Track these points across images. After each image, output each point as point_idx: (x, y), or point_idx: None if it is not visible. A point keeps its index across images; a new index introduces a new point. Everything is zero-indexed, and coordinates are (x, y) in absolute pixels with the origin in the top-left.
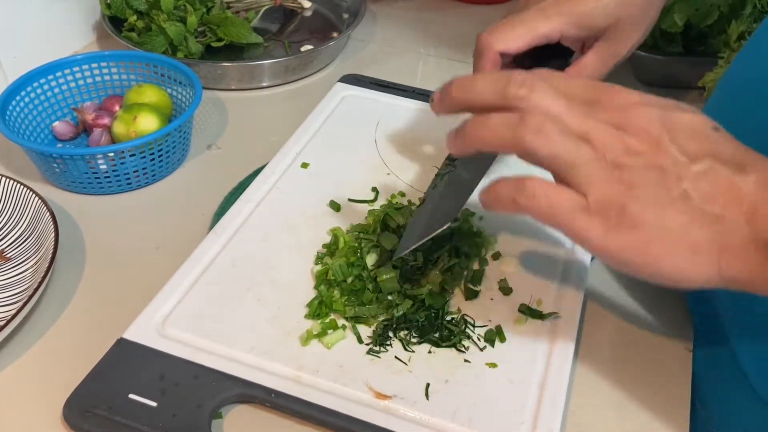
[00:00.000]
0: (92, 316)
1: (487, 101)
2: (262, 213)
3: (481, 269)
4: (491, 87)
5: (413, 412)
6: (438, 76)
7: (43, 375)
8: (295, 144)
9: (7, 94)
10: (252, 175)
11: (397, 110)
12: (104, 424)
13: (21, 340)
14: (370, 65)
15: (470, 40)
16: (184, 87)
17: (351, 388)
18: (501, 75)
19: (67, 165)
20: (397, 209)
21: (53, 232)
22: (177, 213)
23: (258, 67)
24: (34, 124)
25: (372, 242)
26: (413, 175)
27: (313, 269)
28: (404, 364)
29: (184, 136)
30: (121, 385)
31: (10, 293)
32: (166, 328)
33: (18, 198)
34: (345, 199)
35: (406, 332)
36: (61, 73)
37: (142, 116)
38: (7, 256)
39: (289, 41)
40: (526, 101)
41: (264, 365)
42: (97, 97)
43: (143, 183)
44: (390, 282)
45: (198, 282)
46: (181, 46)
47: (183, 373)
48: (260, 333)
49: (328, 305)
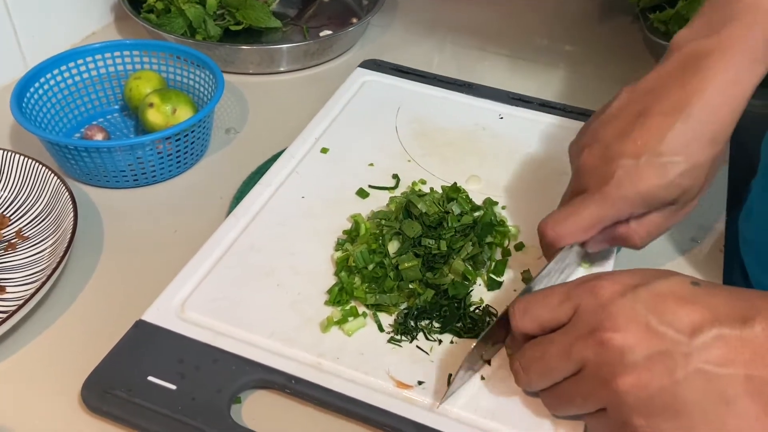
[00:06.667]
0: (110, 298)
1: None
2: (282, 197)
3: (504, 259)
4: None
5: (435, 402)
6: (456, 63)
7: (60, 356)
8: (315, 129)
9: (24, 82)
10: (271, 159)
11: (418, 97)
12: (123, 406)
13: (38, 320)
14: (389, 52)
15: (490, 28)
16: (205, 75)
17: (372, 377)
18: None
19: (95, 159)
20: (420, 196)
21: (72, 212)
22: (195, 197)
23: (277, 50)
24: (53, 113)
25: (394, 229)
26: (434, 162)
27: (333, 255)
28: (426, 353)
29: (206, 126)
30: (140, 368)
31: (27, 273)
32: (185, 311)
33: (36, 177)
34: (365, 185)
35: (427, 321)
36: (82, 60)
37: (181, 108)
38: (25, 235)
39: (308, 26)
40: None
41: (284, 351)
42: (118, 86)
43: (167, 176)
44: (412, 270)
45: (217, 266)
46: (199, 28)
47: (202, 357)
48: (280, 318)
49: (348, 292)
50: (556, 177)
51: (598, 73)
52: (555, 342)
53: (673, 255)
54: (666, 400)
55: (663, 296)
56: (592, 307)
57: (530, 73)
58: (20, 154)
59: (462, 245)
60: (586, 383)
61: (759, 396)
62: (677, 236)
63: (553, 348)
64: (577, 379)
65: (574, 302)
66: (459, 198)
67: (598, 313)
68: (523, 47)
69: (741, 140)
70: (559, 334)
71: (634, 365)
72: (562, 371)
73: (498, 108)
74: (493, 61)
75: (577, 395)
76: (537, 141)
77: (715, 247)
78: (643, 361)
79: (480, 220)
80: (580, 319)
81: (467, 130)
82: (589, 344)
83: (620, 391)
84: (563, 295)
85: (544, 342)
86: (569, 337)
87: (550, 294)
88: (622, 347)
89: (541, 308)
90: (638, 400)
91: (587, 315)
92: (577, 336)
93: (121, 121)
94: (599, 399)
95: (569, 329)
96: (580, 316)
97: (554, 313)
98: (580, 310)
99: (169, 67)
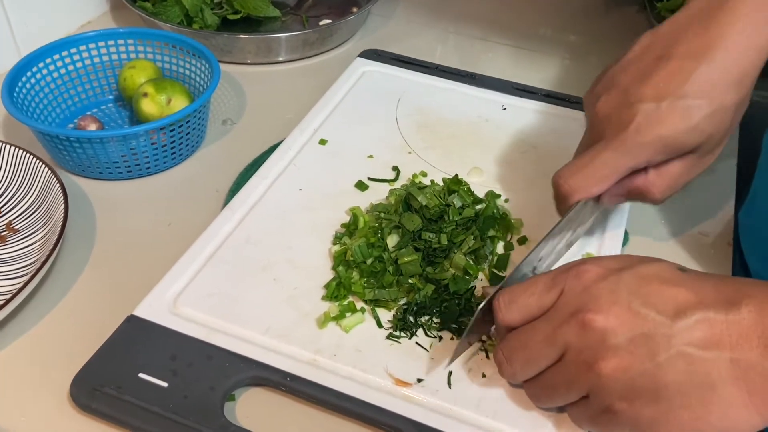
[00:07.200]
0: (102, 293)
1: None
2: (279, 190)
3: (506, 254)
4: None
5: (435, 401)
6: (459, 53)
7: (49, 352)
8: (313, 120)
9: (16, 71)
10: (268, 151)
11: (419, 87)
12: (113, 404)
13: (27, 315)
14: (390, 42)
15: (493, 18)
16: (201, 65)
17: (370, 374)
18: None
19: (87, 150)
20: (420, 189)
21: (63, 204)
22: (191, 190)
23: (275, 40)
24: (45, 103)
25: (393, 222)
26: (435, 154)
27: (331, 249)
28: (426, 350)
29: (202, 116)
30: (131, 364)
31: (17, 266)
32: (179, 306)
33: (27, 168)
34: (365, 177)
35: (427, 317)
36: (75, 49)
37: (176, 98)
38: (15, 228)
39: (307, 16)
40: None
41: (280, 347)
42: (113, 75)
43: (162, 168)
44: (412, 265)
45: (211, 260)
46: (196, 17)
47: (196, 354)
48: (276, 314)
49: (346, 287)
50: None
51: (604, 64)
52: (538, 329)
53: (681, 248)
54: (647, 383)
55: (647, 279)
56: (575, 291)
57: (534, 63)
58: (11, 145)
59: (463, 239)
60: (568, 369)
61: (743, 380)
62: (685, 229)
63: (537, 334)
64: (560, 366)
65: (559, 287)
66: (460, 190)
67: (581, 296)
68: (527, 37)
69: (747, 132)
70: (541, 320)
71: (616, 348)
72: (545, 358)
73: (501, 99)
74: (497, 52)
75: (560, 383)
76: (541, 132)
77: (723, 240)
78: (625, 343)
79: (482, 213)
80: (563, 302)
81: (469, 122)
82: (571, 326)
83: (602, 374)
84: (548, 282)
85: (527, 330)
86: (552, 321)
87: (534, 282)
88: (604, 329)
89: (527, 297)
90: (620, 384)
91: (570, 298)
92: (560, 320)
93: (115, 111)
94: (582, 385)
95: (552, 314)
96: (563, 299)
97: (540, 300)
98: (564, 294)
99: (164, 57)
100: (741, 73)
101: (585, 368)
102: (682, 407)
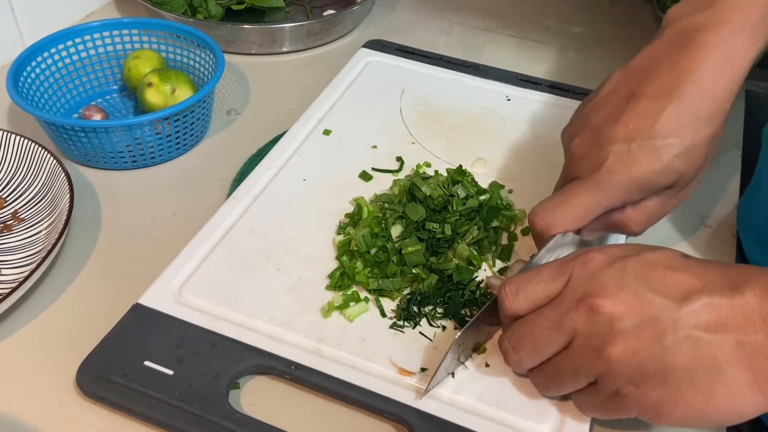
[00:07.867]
0: (107, 282)
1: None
2: (283, 180)
3: (510, 244)
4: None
5: (438, 390)
6: (463, 44)
7: (55, 340)
8: (318, 110)
9: (21, 61)
10: (272, 141)
11: (423, 78)
12: (119, 391)
13: (34, 304)
14: (394, 32)
15: (498, 8)
16: (205, 55)
17: (373, 363)
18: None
19: (92, 139)
20: (424, 179)
21: (68, 194)
22: (195, 180)
23: (279, 30)
24: (50, 92)
25: (397, 213)
26: (439, 145)
27: (335, 239)
28: (429, 340)
29: (206, 107)
30: (136, 352)
31: (23, 255)
32: (183, 294)
33: (33, 158)
34: (368, 168)
35: (431, 307)
36: (80, 39)
37: (180, 88)
38: (21, 217)
39: (311, 6)
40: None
41: (284, 336)
42: (117, 65)
43: (166, 158)
44: (416, 255)
45: (216, 249)
46: (200, 7)
47: (201, 342)
48: (280, 303)
49: (350, 277)
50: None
51: (609, 55)
52: (545, 316)
53: (684, 240)
54: (655, 366)
55: (653, 265)
56: (582, 277)
57: (539, 54)
58: (17, 135)
59: (467, 229)
60: (576, 355)
61: (749, 362)
62: (689, 221)
63: (544, 321)
64: (567, 353)
65: (566, 276)
66: (464, 181)
67: (589, 282)
68: (531, 28)
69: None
70: (548, 307)
71: (624, 333)
72: (552, 345)
73: (505, 90)
74: (501, 42)
75: (568, 370)
76: (545, 123)
77: (728, 232)
78: (632, 328)
79: (486, 203)
80: (570, 289)
81: (474, 112)
82: (579, 312)
83: (611, 359)
84: (554, 271)
85: (534, 318)
86: (560, 308)
87: (540, 272)
88: (611, 314)
89: (534, 285)
90: (628, 368)
91: (577, 285)
92: (568, 306)
93: (120, 101)
94: (590, 370)
95: (559, 301)
96: (570, 286)
97: (546, 288)
98: (571, 281)
99: (168, 47)
100: (713, 107)
101: (593, 353)
102: (689, 389)
